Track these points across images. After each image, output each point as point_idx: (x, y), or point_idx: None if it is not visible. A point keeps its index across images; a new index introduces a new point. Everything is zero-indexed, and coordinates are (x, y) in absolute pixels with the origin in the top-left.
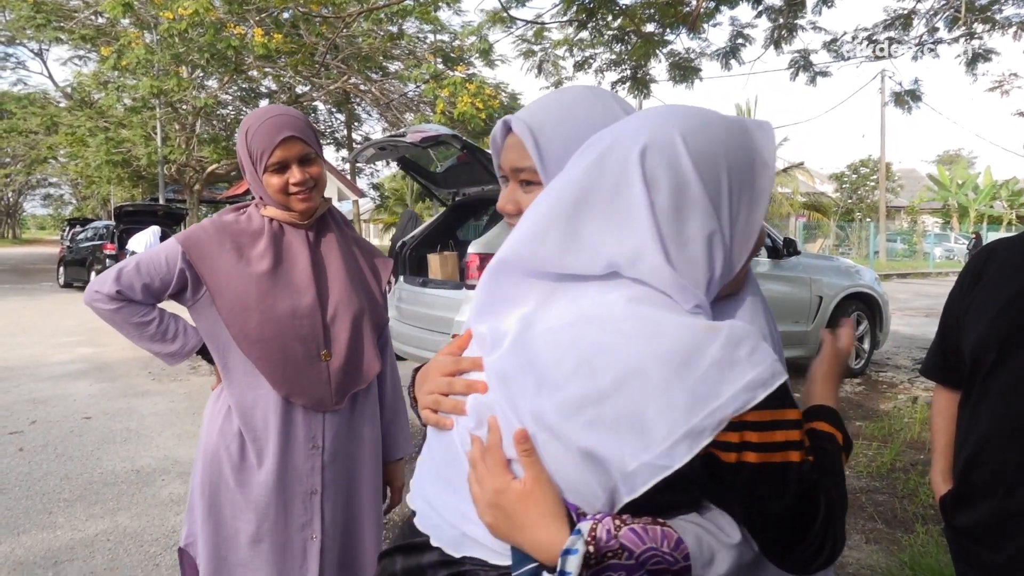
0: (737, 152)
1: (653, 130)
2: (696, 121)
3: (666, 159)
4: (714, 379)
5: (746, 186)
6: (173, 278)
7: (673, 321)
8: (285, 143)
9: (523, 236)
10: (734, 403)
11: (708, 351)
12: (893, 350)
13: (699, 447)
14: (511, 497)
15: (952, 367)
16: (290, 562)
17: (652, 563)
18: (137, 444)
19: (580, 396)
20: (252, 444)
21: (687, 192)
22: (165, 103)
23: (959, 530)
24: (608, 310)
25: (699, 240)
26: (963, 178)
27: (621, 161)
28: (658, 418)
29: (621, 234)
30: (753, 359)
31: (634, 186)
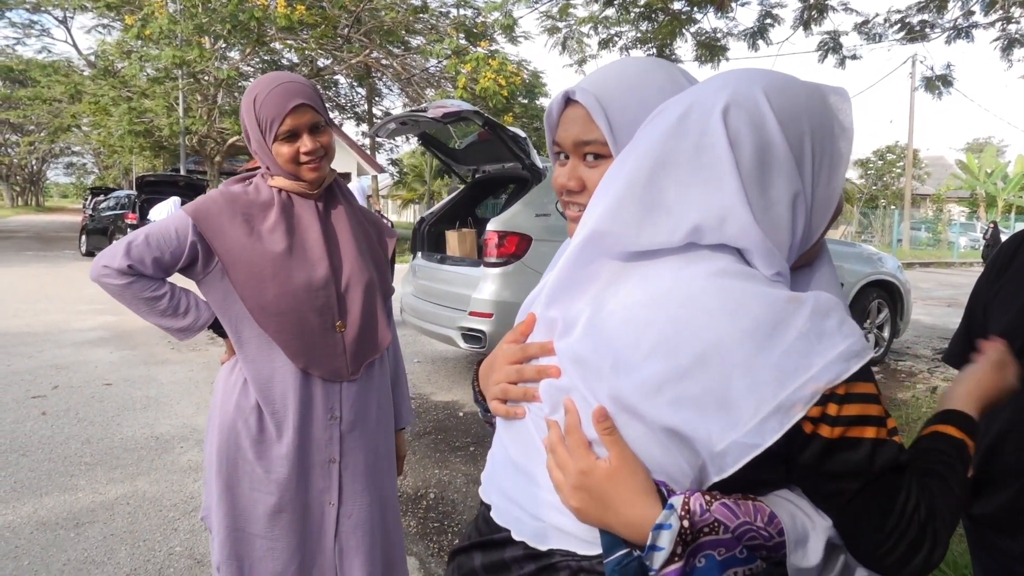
0: (818, 114)
1: (735, 88)
2: (778, 81)
3: (750, 116)
4: (803, 351)
5: (827, 148)
6: (184, 251)
7: (755, 293)
8: (296, 111)
9: (604, 211)
10: (827, 374)
11: (794, 323)
12: (913, 339)
13: (790, 423)
14: (598, 477)
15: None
16: (308, 529)
17: (747, 538)
18: (156, 411)
19: (661, 375)
20: (271, 417)
21: (772, 151)
22: (187, 74)
23: (977, 518)
24: (686, 286)
25: (784, 202)
26: (992, 166)
27: (703, 120)
28: (745, 394)
29: (707, 195)
30: (843, 330)
31: (718, 144)
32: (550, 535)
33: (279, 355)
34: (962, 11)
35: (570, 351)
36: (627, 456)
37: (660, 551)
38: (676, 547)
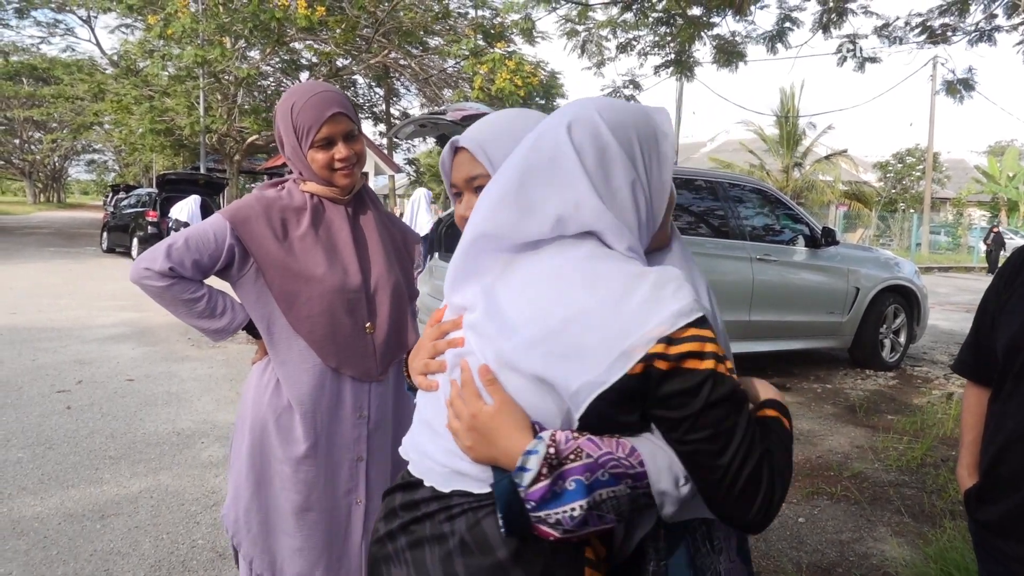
0: (641, 124)
1: (574, 111)
2: (608, 103)
3: (588, 128)
4: (644, 312)
5: (653, 149)
6: (222, 254)
7: (609, 269)
8: (332, 119)
9: (482, 214)
10: (659, 328)
11: (638, 292)
12: (930, 345)
13: (631, 363)
14: (483, 417)
15: (984, 364)
16: (335, 526)
17: (610, 466)
18: (178, 407)
19: (534, 336)
20: (302, 417)
21: (608, 151)
22: (208, 73)
23: (983, 523)
24: (558, 268)
25: (624, 188)
26: (1014, 170)
27: (552, 137)
28: (598, 346)
29: (563, 192)
30: (677, 296)
31: (566, 153)
32: (453, 479)
33: (311, 356)
34: (984, 14)
35: (469, 322)
36: (507, 400)
37: (528, 471)
38: (542, 468)
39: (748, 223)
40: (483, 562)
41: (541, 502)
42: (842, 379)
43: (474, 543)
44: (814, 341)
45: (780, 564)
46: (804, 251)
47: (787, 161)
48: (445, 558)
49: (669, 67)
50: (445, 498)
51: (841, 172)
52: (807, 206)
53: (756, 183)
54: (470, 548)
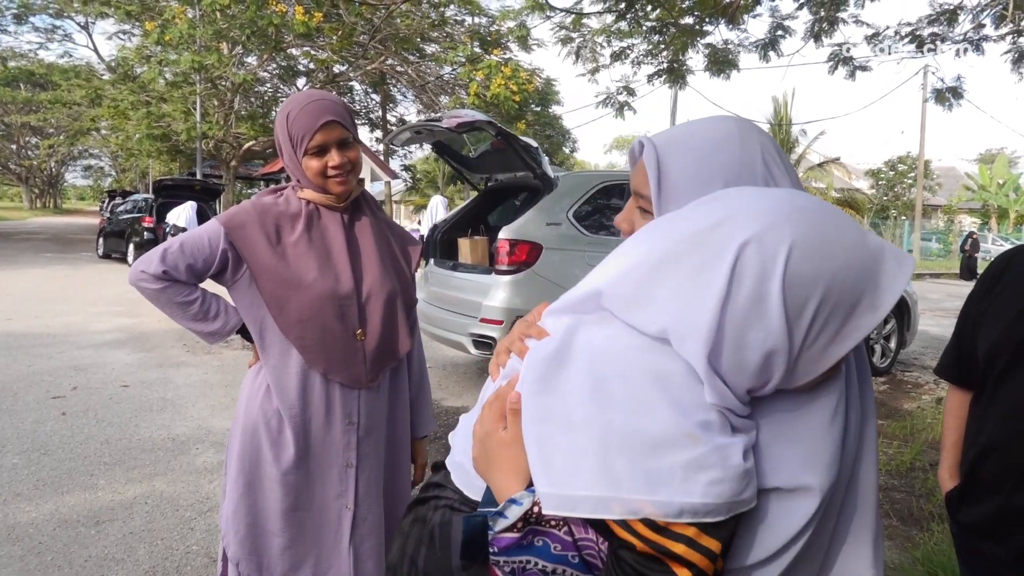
0: (845, 286)
1: (767, 224)
2: (817, 236)
3: (761, 262)
4: (657, 480)
5: (835, 321)
6: (216, 259)
7: (668, 408)
8: (326, 127)
9: (609, 279)
10: (654, 509)
11: (672, 455)
12: (920, 350)
13: (595, 516)
14: (494, 442)
15: (966, 368)
16: (325, 530)
17: (586, 551)
18: (172, 413)
19: (552, 410)
20: (290, 421)
21: (765, 304)
22: (205, 79)
23: (964, 525)
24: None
25: (758, 351)
26: (1004, 177)
27: (721, 243)
28: (591, 469)
29: (685, 310)
30: (708, 489)
31: (720, 272)
32: (456, 469)
33: (300, 361)
34: (973, 24)
35: (535, 348)
36: (519, 438)
37: (504, 519)
38: (518, 522)
39: None
40: (438, 559)
41: (503, 550)
42: None
43: (440, 538)
44: None
45: None
46: None
47: None
48: (417, 542)
49: (662, 75)
50: (443, 487)
51: (834, 179)
52: None
53: None
54: (435, 542)
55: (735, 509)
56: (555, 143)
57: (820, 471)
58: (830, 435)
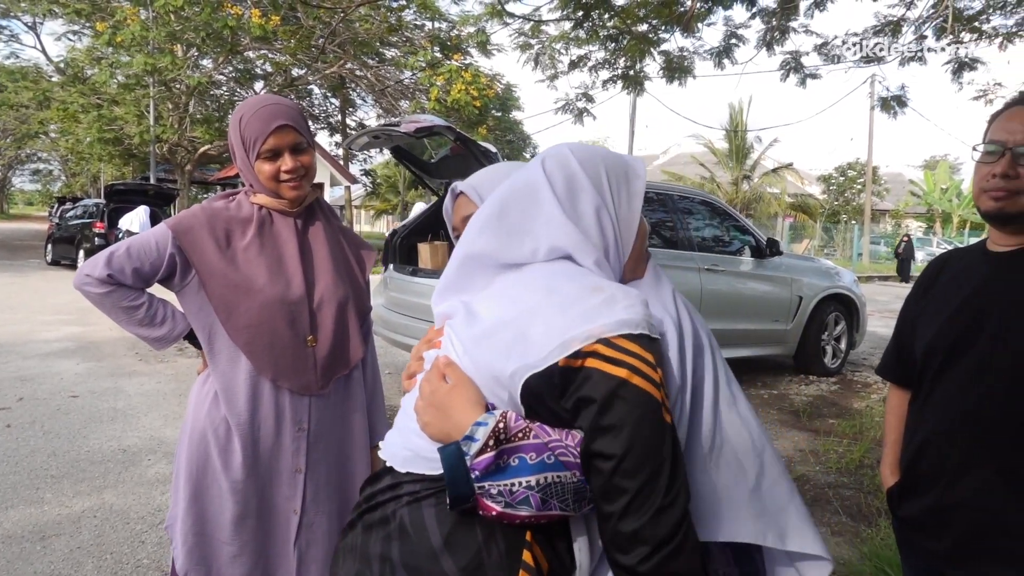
0: (612, 161)
1: (550, 149)
2: (583, 145)
3: (559, 161)
4: (591, 314)
5: (622, 183)
6: (163, 263)
7: (572, 279)
8: (278, 131)
9: (469, 238)
10: (604, 329)
11: (592, 299)
12: (869, 351)
13: (567, 353)
14: (442, 393)
15: (905, 368)
16: (273, 536)
17: (558, 452)
18: (124, 424)
19: (487, 327)
20: (238, 428)
21: (576, 179)
22: (159, 81)
23: (905, 520)
24: (528, 277)
25: (590, 212)
26: (947, 183)
27: (528, 172)
28: (540, 337)
29: (536, 216)
30: (628, 310)
31: (539, 182)
32: (409, 460)
33: (248, 367)
34: (915, 35)
35: (448, 325)
36: (463, 378)
37: (475, 441)
38: (489, 440)
39: (697, 234)
40: (417, 547)
41: (485, 472)
42: (787, 385)
43: (412, 527)
44: (761, 348)
45: None
46: (750, 261)
47: (736, 174)
48: (384, 540)
49: (617, 81)
50: (397, 486)
51: (787, 185)
52: (756, 218)
53: (704, 195)
54: (408, 532)
55: (651, 325)
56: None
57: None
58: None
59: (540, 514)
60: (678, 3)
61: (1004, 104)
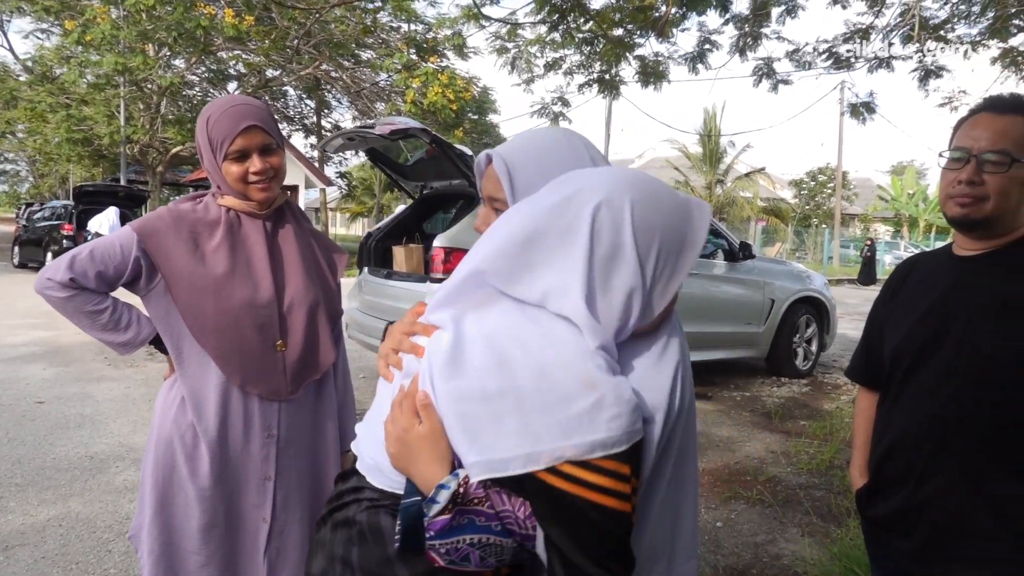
0: (672, 231)
1: (610, 191)
2: (648, 192)
3: (612, 219)
4: (569, 427)
5: (671, 260)
6: (128, 267)
7: (569, 365)
8: (246, 132)
9: (483, 254)
10: (573, 451)
11: (577, 403)
12: (840, 352)
13: (527, 470)
14: (413, 436)
15: (873, 370)
16: (241, 544)
17: (507, 522)
18: (91, 430)
19: (467, 389)
20: (205, 434)
21: (621, 251)
22: (130, 81)
23: (873, 521)
24: (527, 337)
25: (621, 292)
26: (913, 188)
27: (577, 209)
28: (511, 435)
29: (560, 270)
30: (610, 425)
31: (582, 233)
32: (372, 472)
33: (217, 373)
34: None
35: (431, 344)
36: (436, 429)
37: (436, 504)
38: (448, 504)
39: None
40: (374, 553)
41: (438, 533)
42: (759, 387)
43: (371, 533)
44: (733, 351)
45: (698, 568)
46: (723, 264)
47: (710, 178)
48: (346, 543)
49: (593, 85)
50: (361, 489)
51: (760, 189)
52: (729, 221)
53: None
54: (366, 538)
55: (633, 437)
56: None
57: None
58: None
59: (480, 569)
60: (653, 9)
61: (969, 111)
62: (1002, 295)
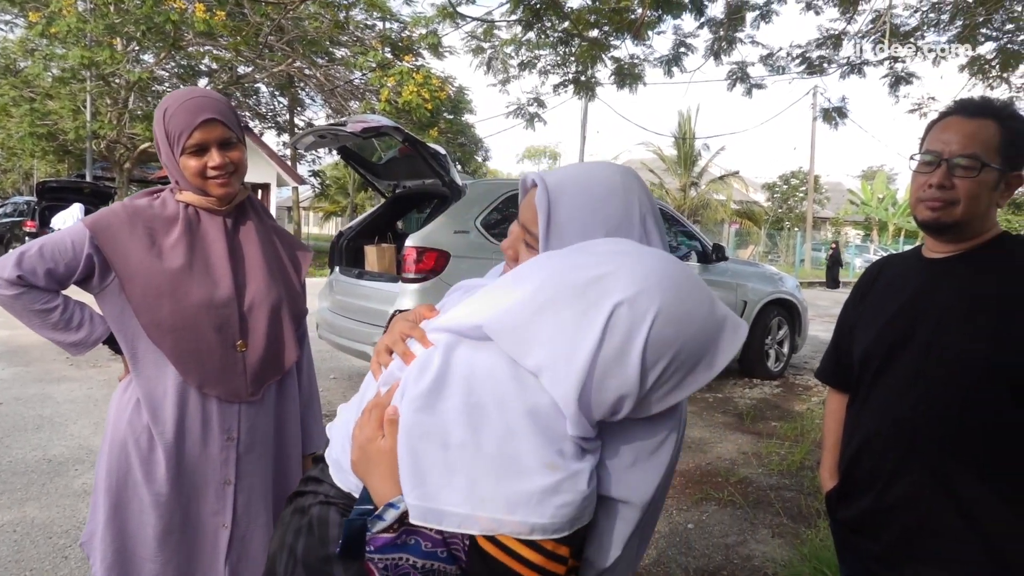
0: (692, 349)
1: (640, 290)
2: (679, 303)
3: (630, 323)
4: (517, 502)
5: (678, 375)
6: (79, 264)
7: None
8: (205, 125)
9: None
10: (512, 527)
11: (533, 481)
12: (811, 354)
13: (460, 530)
14: (374, 448)
15: (843, 372)
16: (199, 551)
17: (452, 547)
18: (50, 432)
19: (432, 430)
20: (161, 437)
21: (626, 358)
22: (96, 75)
23: (842, 523)
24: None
25: (612, 394)
26: (883, 193)
27: (599, 298)
28: (460, 487)
29: (561, 353)
30: (557, 512)
31: (595, 324)
32: (334, 467)
33: (174, 374)
34: (855, 49)
35: (417, 362)
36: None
37: (382, 522)
38: (394, 523)
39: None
40: (315, 548)
41: (378, 549)
42: (732, 388)
43: (318, 528)
44: None
45: (670, 570)
46: (696, 266)
47: (684, 180)
48: (296, 532)
49: (568, 86)
50: (320, 481)
51: (733, 192)
52: (703, 224)
53: None
54: (313, 532)
55: (576, 525)
56: (468, 151)
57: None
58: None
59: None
60: (629, 11)
61: (939, 113)
62: (970, 297)
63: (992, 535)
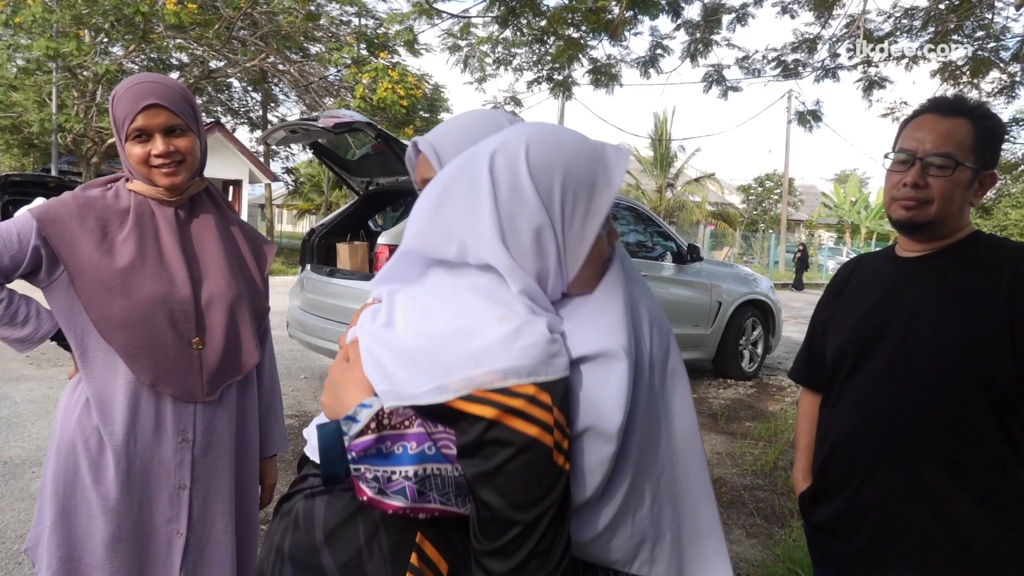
0: (578, 168)
1: (506, 139)
2: (547, 136)
3: (508, 162)
4: (481, 355)
5: (581, 198)
6: (26, 256)
7: (483, 306)
8: (148, 110)
9: (409, 232)
10: (484, 377)
11: (491, 333)
12: (785, 355)
13: (438, 400)
14: (338, 371)
15: (816, 372)
16: (152, 560)
17: (441, 443)
18: (7, 433)
19: (389, 338)
20: (110, 439)
21: (520, 192)
22: (63, 67)
23: (816, 524)
24: (445, 289)
25: (527, 233)
26: (856, 196)
27: (476, 162)
28: (424, 367)
29: (470, 220)
30: (524, 353)
31: (482, 183)
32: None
33: (125, 372)
34: (829, 53)
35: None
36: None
37: (357, 423)
38: (370, 423)
39: (622, 239)
40: (302, 541)
41: (363, 455)
42: (706, 388)
43: (303, 520)
44: (682, 353)
45: None
46: (671, 267)
47: (661, 182)
48: (283, 531)
49: (543, 83)
50: (305, 478)
51: (709, 194)
52: (679, 225)
53: (629, 201)
54: (299, 525)
55: (550, 369)
56: None
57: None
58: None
59: (416, 506)
60: (606, 11)
61: (913, 111)
62: (942, 295)
63: (964, 535)
